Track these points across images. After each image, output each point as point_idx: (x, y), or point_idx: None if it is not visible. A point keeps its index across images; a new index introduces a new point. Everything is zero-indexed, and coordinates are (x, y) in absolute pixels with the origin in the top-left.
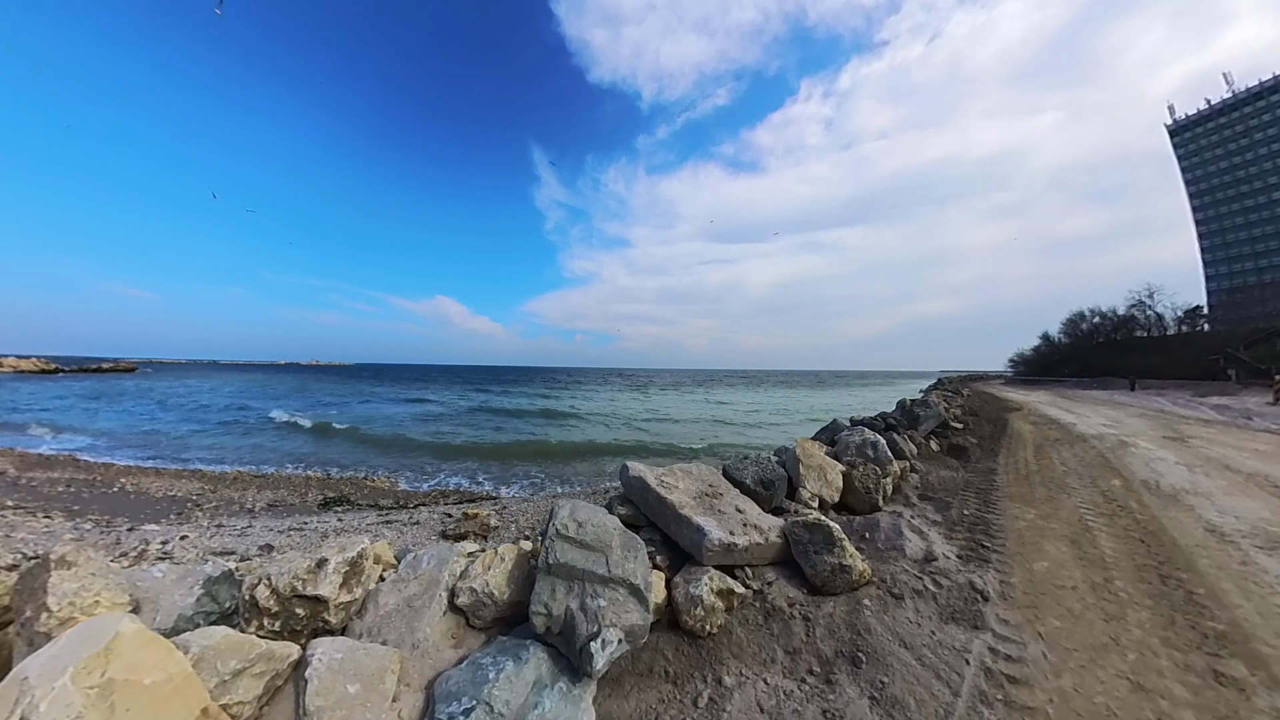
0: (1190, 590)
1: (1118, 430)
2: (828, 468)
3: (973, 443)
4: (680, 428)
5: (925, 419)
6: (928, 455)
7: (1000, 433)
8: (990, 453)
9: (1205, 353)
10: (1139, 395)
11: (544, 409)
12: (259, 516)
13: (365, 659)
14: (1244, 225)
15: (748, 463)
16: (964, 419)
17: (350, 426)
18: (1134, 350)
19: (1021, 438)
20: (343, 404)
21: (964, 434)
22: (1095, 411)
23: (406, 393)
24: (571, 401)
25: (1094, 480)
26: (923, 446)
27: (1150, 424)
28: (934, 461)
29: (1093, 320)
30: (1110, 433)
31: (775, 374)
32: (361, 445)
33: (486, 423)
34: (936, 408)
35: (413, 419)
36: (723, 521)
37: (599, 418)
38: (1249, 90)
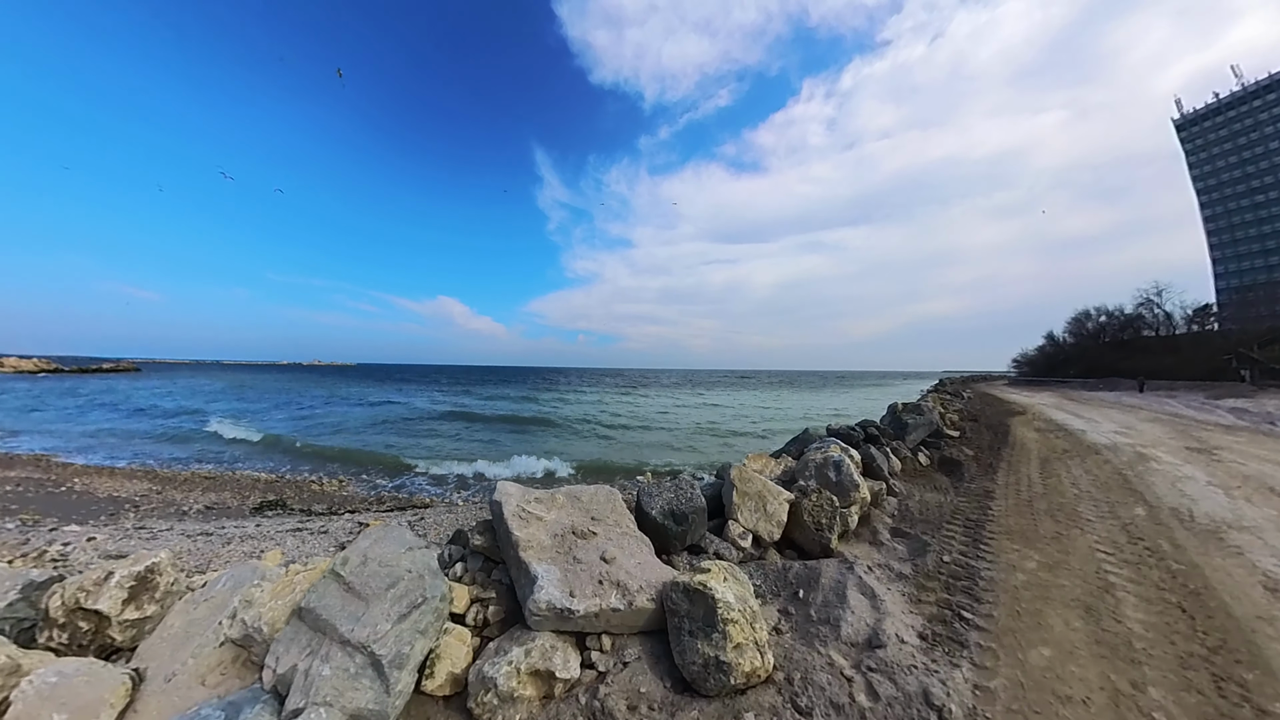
0: (1263, 709)
1: (1132, 439)
2: (769, 496)
3: (969, 455)
4: (658, 435)
5: (914, 427)
6: (914, 471)
7: (1001, 442)
8: (988, 468)
9: (1216, 353)
10: (1148, 397)
11: (515, 414)
12: (187, 519)
13: (84, 687)
14: (1254, 222)
15: (665, 487)
16: (961, 425)
17: (315, 428)
18: (1142, 350)
19: (1025, 448)
20: (318, 403)
21: (959, 444)
22: (1105, 416)
23: (388, 394)
24: (554, 405)
25: (1112, 508)
26: (909, 461)
27: (1167, 431)
28: (920, 480)
29: (1099, 319)
30: (1125, 442)
31: (778, 374)
32: (321, 447)
33: (451, 427)
34: (929, 414)
35: (380, 421)
36: (571, 573)
37: (576, 424)
38: (1258, 83)
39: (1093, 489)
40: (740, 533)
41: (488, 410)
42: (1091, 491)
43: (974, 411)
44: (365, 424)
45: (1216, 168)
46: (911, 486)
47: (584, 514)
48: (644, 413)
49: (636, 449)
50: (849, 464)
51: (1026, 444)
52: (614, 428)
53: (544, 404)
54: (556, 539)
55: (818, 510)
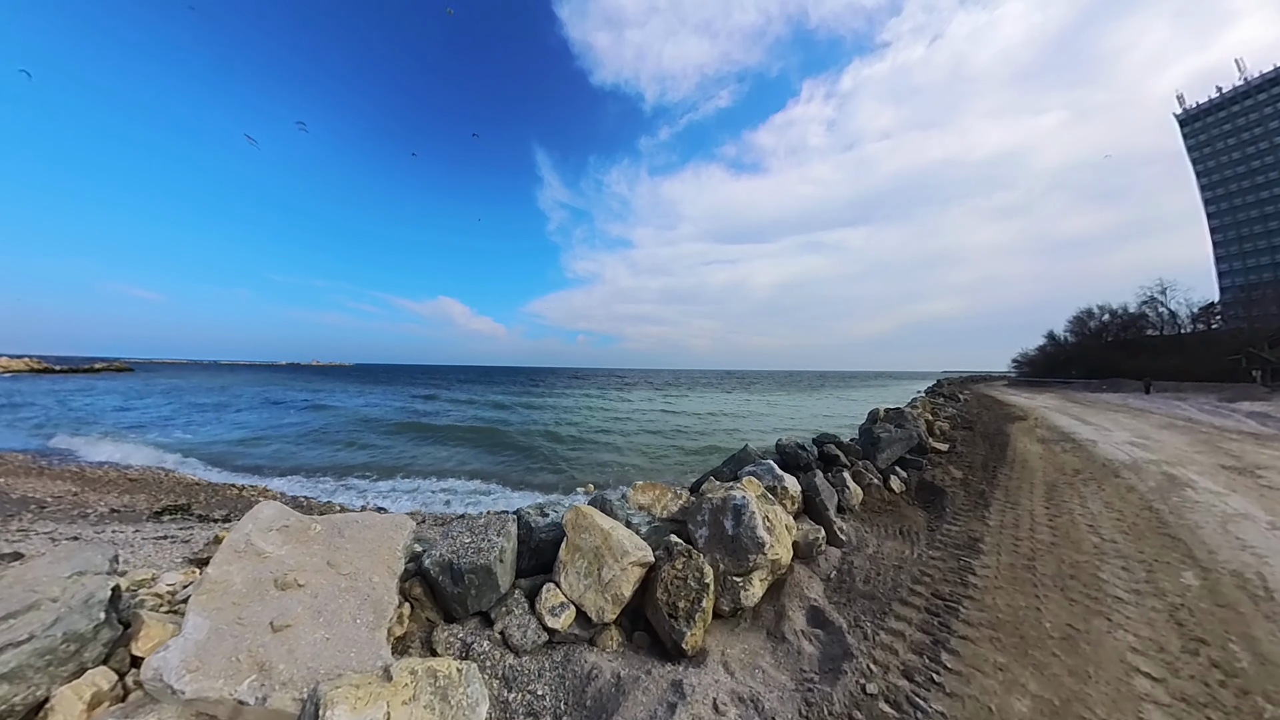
0: None
1: (1154, 453)
2: (608, 557)
3: (956, 478)
4: (610, 445)
5: (888, 443)
6: (879, 504)
7: (998, 458)
8: (979, 498)
9: (1224, 353)
10: (1156, 400)
11: (466, 423)
12: (82, 522)
13: None
14: (1259, 219)
15: (471, 527)
16: (952, 435)
17: (276, 428)
18: (1146, 350)
19: (1027, 467)
20: (289, 403)
21: (947, 462)
22: (1114, 422)
23: (358, 394)
24: (523, 410)
25: (1150, 572)
26: (875, 489)
27: (1190, 442)
28: (885, 517)
29: (1101, 318)
30: (1146, 458)
31: (776, 375)
32: (271, 448)
33: (394, 438)
34: (913, 424)
35: (340, 423)
36: (223, 635)
37: (532, 433)
38: (1263, 76)
39: (1118, 536)
40: (556, 604)
41: (441, 419)
42: (1117, 541)
43: (969, 417)
44: (313, 430)
45: (1220, 163)
46: (869, 529)
47: (324, 555)
48: (610, 419)
49: (573, 464)
50: (754, 512)
51: (1028, 461)
52: (579, 436)
53: (514, 409)
54: (253, 585)
55: (675, 586)
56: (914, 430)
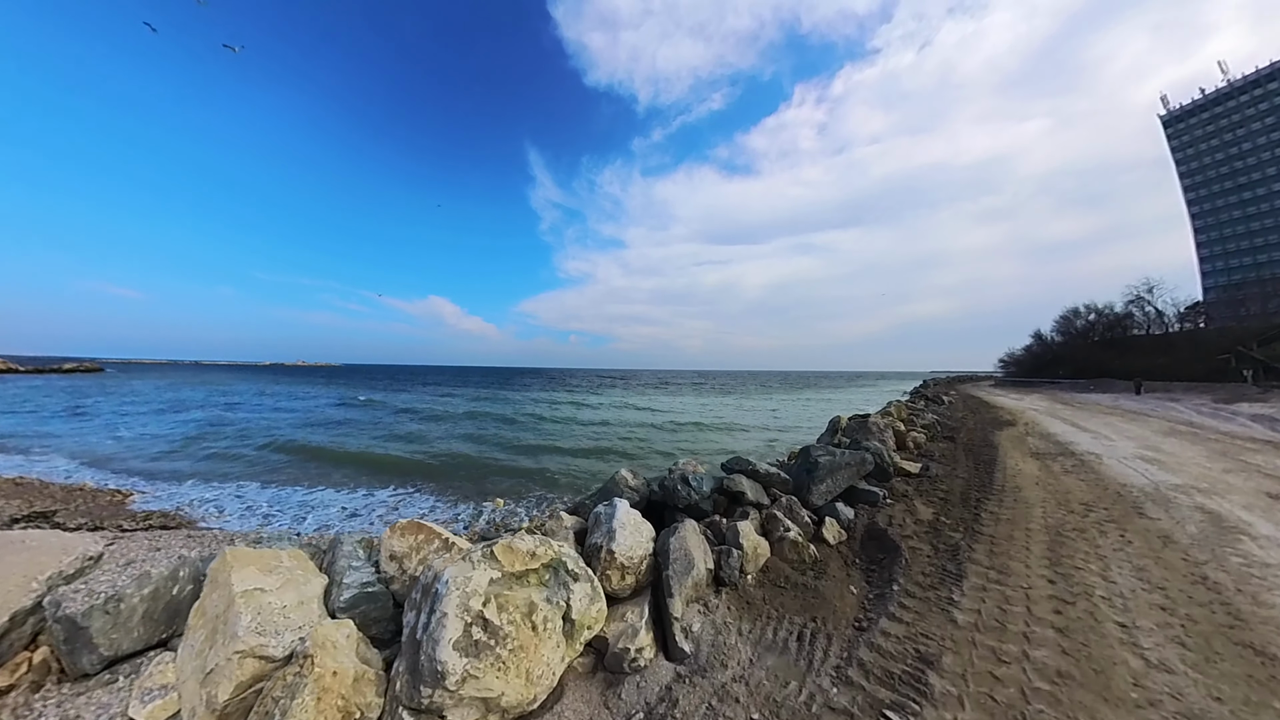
0: None
1: (1172, 471)
2: (222, 634)
3: (921, 521)
4: (560, 454)
5: (827, 472)
6: (794, 567)
7: (982, 484)
8: (948, 559)
9: (1213, 352)
10: (1148, 401)
11: (417, 416)
12: None
13: None
14: (1241, 219)
15: None
16: (928, 449)
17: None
18: (1134, 349)
19: (1020, 500)
20: (238, 404)
21: (915, 491)
22: (1112, 427)
23: (309, 397)
24: (475, 412)
25: None
26: (791, 542)
27: (1207, 454)
28: (793, 593)
29: (1088, 317)
30: (1167, 481)
31: (767, 375)
32: (186, 454)
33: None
34: (876, 438)
35: (260, 427)
36: None
37: (467, 438)
38: (1244, 78)
39: (1174, 656)
40: (157, 686)
41: (371, 422)
42: (1173, 669)
43: (952, 424)
44: (247, 432)
45: (1204, 164)
46: (750, 623)
47: None
48: (564, 422)
49: (496, 473)
50: (448, 613)
51: (1022, 489)
52: (523, 442)
53: (452, 420)
54: None
55: None
56: (875, 448)
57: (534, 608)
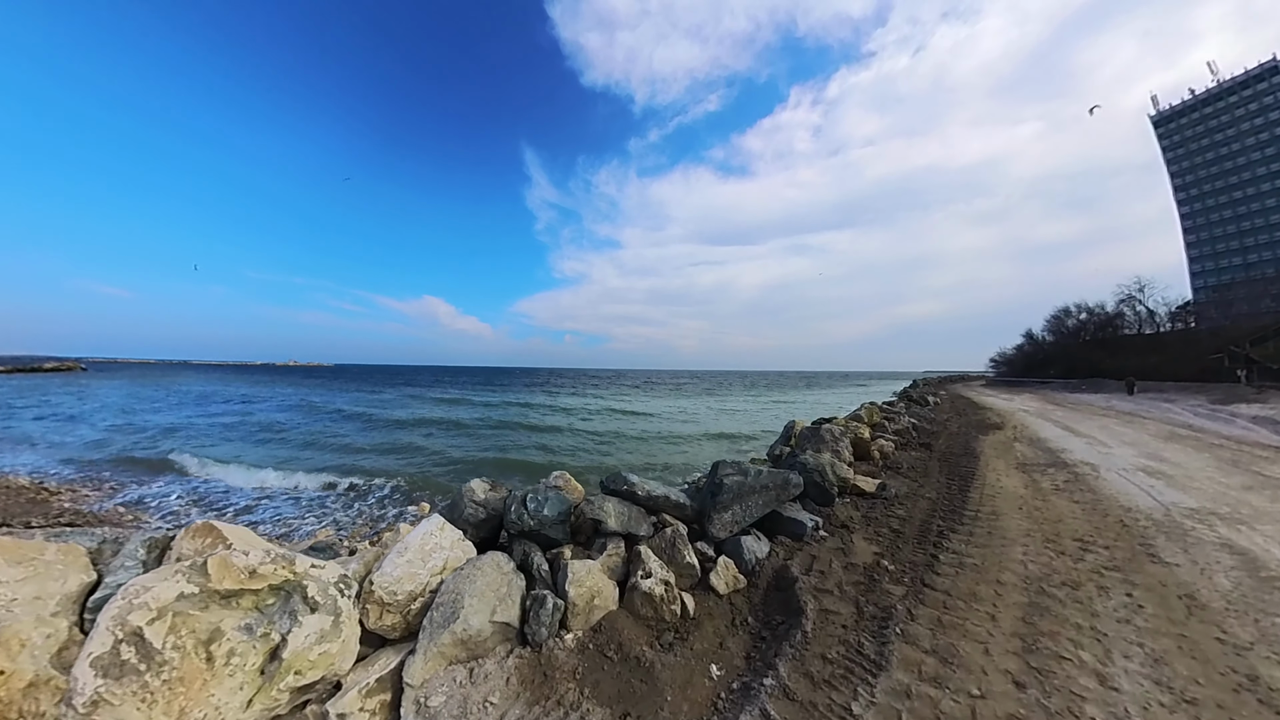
0: None
1: (1182, 488)
2: None
3: (853, 568)
4: (502, 451)
5: (736, 496)
6: (659, 621)
7: (952, 508)
8: (875, 625)
9: (1205, 352)
10: (1142, 401)
11: (369, 411)
12: None
13: None
14: (1231, 219)
15: None
16: (895, 460)
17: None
18: (1125, 349)
19: (995, 533)
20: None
21: (864, 517)
22: (1107, 431)
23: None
24: (436, 416)
25: None
26: (648, 599)
27: (1216, 464)
28: (615, 670)
29: (1079, 317)
30: (1179, 502)
31: (760, 375)
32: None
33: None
34: (826, 450)
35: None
36: None
37: (387, 455)
38: (1233, 79)
39: None
40: None
41: (320, 416)
42: None
43: (932, 428)
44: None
45: (1194, 164)
46: (537, 702)
47: None
48: (515, 423)
49: (421, 479)
50: (103, 626)
51: (1001, 515)
52: (478, 446)
53: (387, 429)
54: None
55: None
56: (814, 464)
57: (217, 636)
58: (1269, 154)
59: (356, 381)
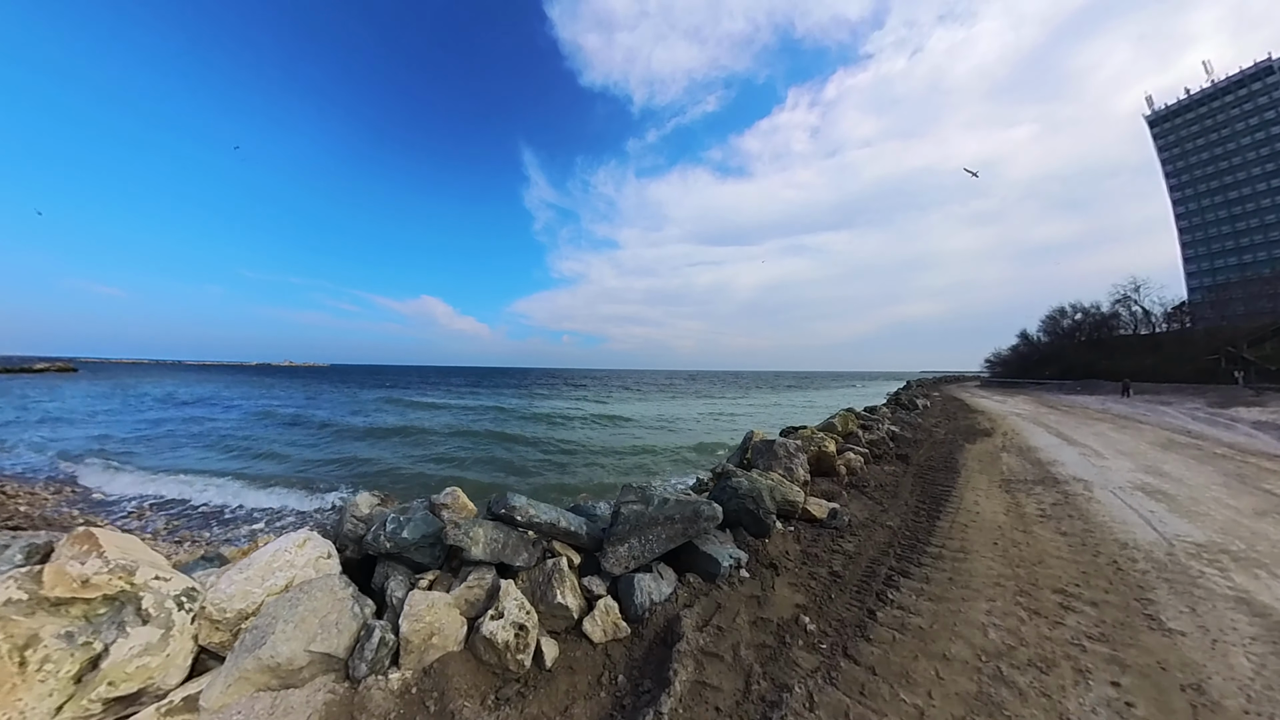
0: None
1: (1187, 514)
2: None
3: (761, 624)
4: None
5: (631, 527)
6: (503, 670)
7: (911, 544)
8: (760, 712)
9: (1201, 352)
10: (1138, 404)
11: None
12: None
13: None
14: (1226, 219)
15: None
16: (862, 476)
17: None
18: (1121, 349)
19: (960, 578)
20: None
21: (797, 554)
22: (1102, 438)
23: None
24: (401, 422)
25: None
26: (490, 645)
27: (1223, 480)
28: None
29: (1074, 317)
30: (1185, 535)
31: (754, 375)
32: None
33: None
34: (779, 468)
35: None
36: None
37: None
38: (1229, 79)
39: None
40: None
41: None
42: None
43: (915, 435)
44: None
45: (1189, 164)
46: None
47: None
48: (455, 437)
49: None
50: None
51: (970, 553)
52: (447, 454)
53: (347, 438)
54: None
55: None
56: (746, 488)
57: (34, 642)
58: (1264, 154)
59: (343, 383)
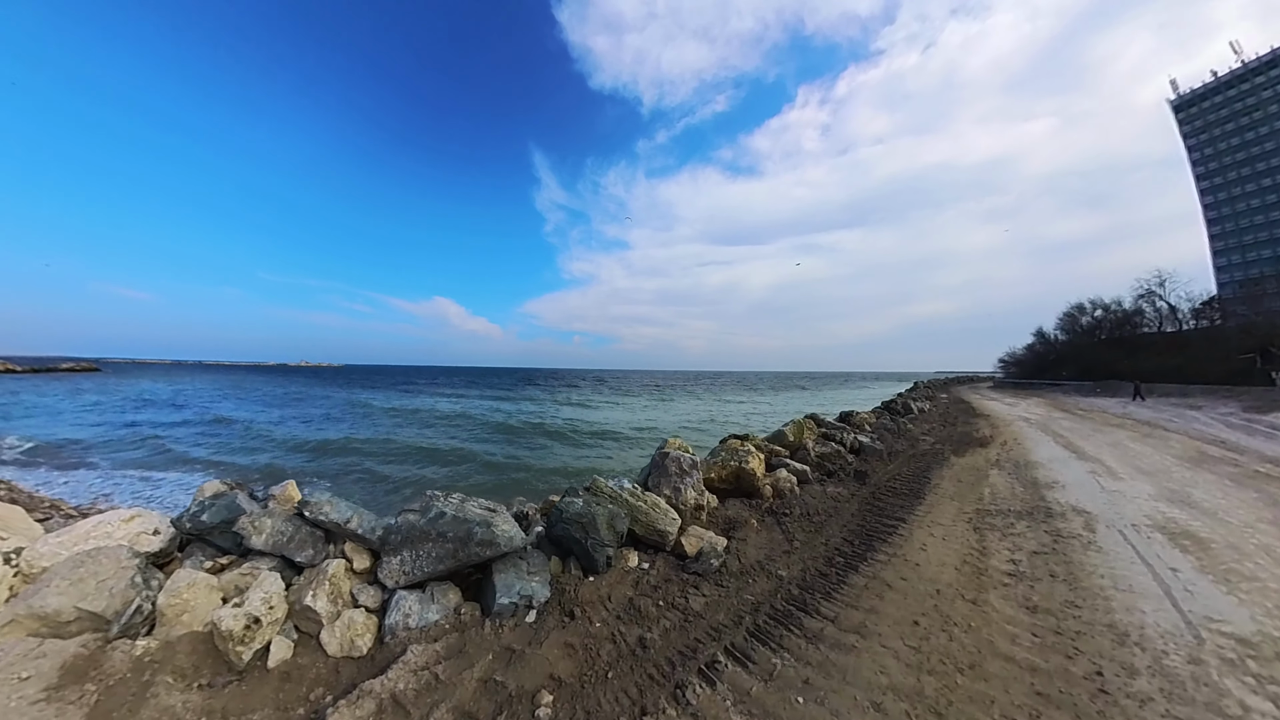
0: None
1: (1228, 582)
2: None
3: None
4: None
5: (404, 539)
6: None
7: (799, 598)
8: None
9: (1234, 351)
10: (1163, 408)
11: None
12: None
13: None
14: (1260, 208)
15: None
16: (791, 501)
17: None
18: (1145, 348)
19: (816, 698)
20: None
21: (631, 605)
22: (1117, 449)
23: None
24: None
25: None
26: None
27: (1271, 511)
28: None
29: (1093, 314)
30: (1228, 618)
31: (761, 376)
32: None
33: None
34: (666, 485)
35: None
36: None
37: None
38: (1259, 58)
39: None
40: None
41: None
42: None
43: (894, 445)
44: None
45: (1218, 150)
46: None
47: None
48: (471, 436)
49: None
50: None
51: (868, 633)
52: (410, 452)
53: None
54: None
55: None
56: (588, 514)
57: None
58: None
59: (348, 384)
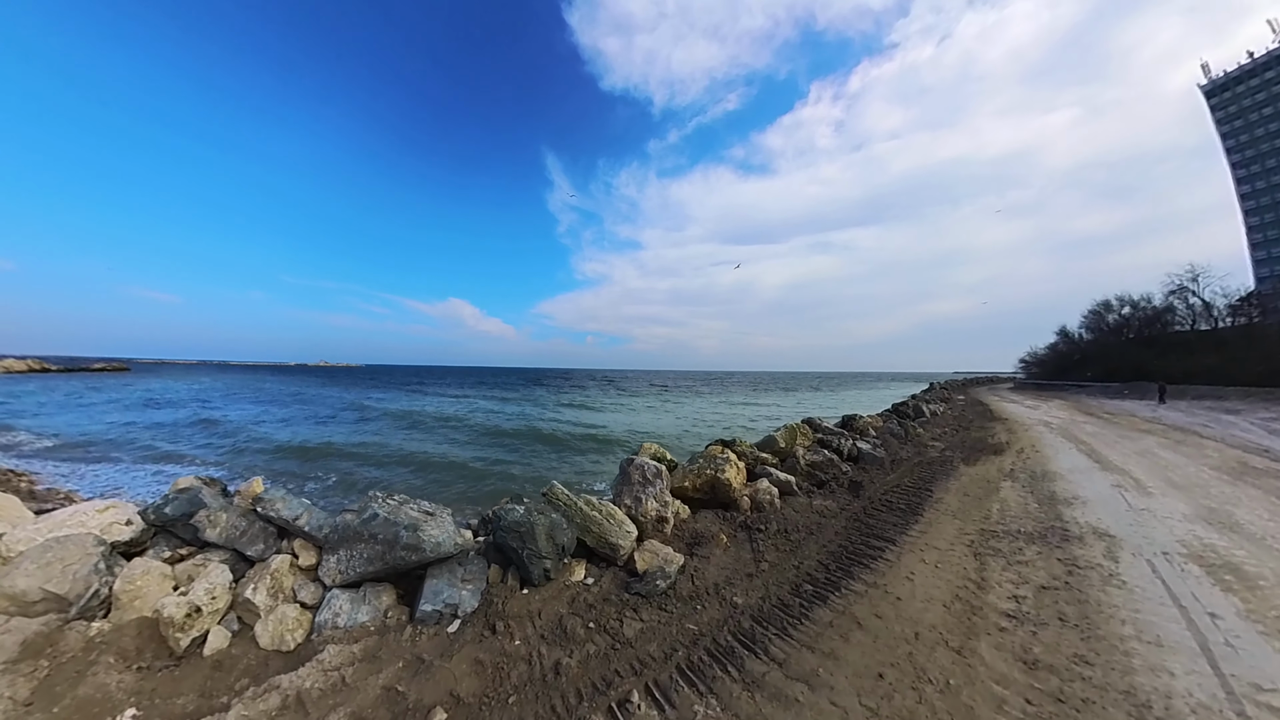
0: None
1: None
2: None
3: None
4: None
5: (342, 537)
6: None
7: (749, 632)
8: None
9: (1275, 349)
10: (1196, 411)
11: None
12: None
13: None
14: None
15: None
16: (775, 511)
17: None
18: (1176, 347)
19: None
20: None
21: (559, 626)
22: (1146, 459)
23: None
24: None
25: None
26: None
27: None
28: None
29: (1121, 311)
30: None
31: (773, 376)
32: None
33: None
34: (626, 498)
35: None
36: None
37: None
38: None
39: None
40: None
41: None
42: None
43: (899, 452)
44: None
45: (1254, 136)
46: None
47: None
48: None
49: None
50: None
51: (818, 695)
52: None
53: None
54: None
55: None
56: (528, 523)
57: None
58: None
59: (358, 384)
